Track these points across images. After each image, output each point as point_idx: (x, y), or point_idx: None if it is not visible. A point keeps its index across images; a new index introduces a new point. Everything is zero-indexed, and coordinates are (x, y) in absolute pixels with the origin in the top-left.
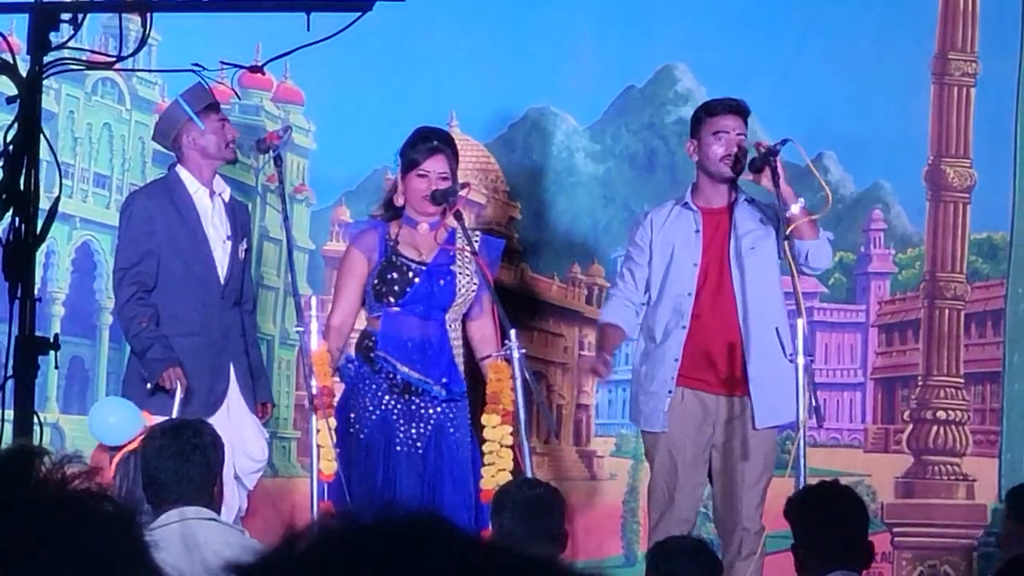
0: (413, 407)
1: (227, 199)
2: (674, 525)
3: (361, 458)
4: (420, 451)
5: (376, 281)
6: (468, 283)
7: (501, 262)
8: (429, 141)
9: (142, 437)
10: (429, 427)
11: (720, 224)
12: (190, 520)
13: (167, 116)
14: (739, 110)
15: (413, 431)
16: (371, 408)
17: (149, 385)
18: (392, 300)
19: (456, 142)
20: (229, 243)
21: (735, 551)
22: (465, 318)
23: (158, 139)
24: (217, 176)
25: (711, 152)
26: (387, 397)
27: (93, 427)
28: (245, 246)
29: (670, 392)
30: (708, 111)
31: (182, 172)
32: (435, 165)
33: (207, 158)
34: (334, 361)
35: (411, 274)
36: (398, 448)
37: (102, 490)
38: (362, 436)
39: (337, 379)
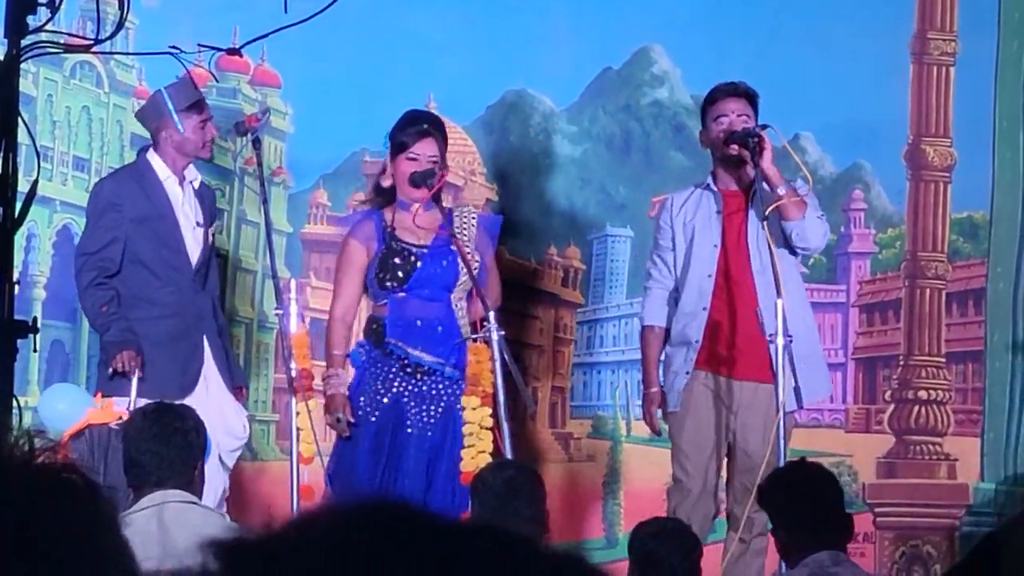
0: (425, 388)
1: (197, 186)
2: (692, 509)
3: (371, 441)
4: (429, 433)
5: (378, 270)
6: (471, 259)
7: None
8: (419, 124)
9: (124, 420)
10: (440, 408)
11: (740, 206)
12: (170, 503)
13: (150, 105)
14: (739, 92)
15: (424, 414)
16: (382, 391)
17: (109, 369)
18: (397, 285)
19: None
20: (200, 229)
21: (743, 534)
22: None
23: (139, 120)
24: (190, 164)
25: (714, 136)
26: (398, 380)
27: (43, 413)
28: (213, 231)
29: (688, 373)
30: (710, 99)
31: (153, 159)
32: (425, 148)
33: (182, 154)
34: (342, 349)
35: (413, 258)
36: (408, 430)
37: (68, 463)
38: (373, 419)
39: (324, 368)
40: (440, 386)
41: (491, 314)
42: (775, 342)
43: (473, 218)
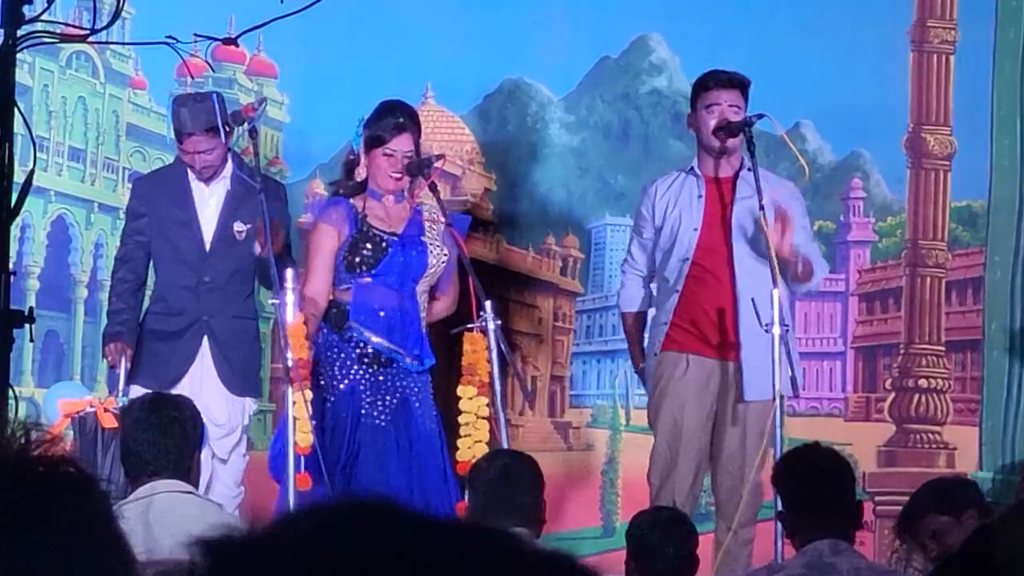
0: (381, 378)
1: (229, 187)
2: (677, 491)
3: (329, 427)
4: (382, 423)
5: (347, 253)
6: (439, 254)
7: (476, 233)
8: (395, 117)
9: (119, 411)
10: (395, 400)
11: (723, 193)
12: (166, 493)
13: (171, 116)
14: (733, 83)
15: (379, 403)
16: (339, 377)
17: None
18: (365, 270)
19: (431, 113)
20: (223, 228)
21: (730, 521)
22: (432, 290)
23: None
24: (227, 165)
25: (703, 126)
26: (355, 367)
27: (48, 409)
28: (241, 228)
29: (656, 354)
30: (703, 85)
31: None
32: (401, 144)
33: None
34: (311, 329)
35: (384, 244)
36: (363, 420)
37: (64, 456)
38: (328, 404)
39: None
40: (396, 379)
41: (488, 303)
42: (771, 331)
43: (442, 216)
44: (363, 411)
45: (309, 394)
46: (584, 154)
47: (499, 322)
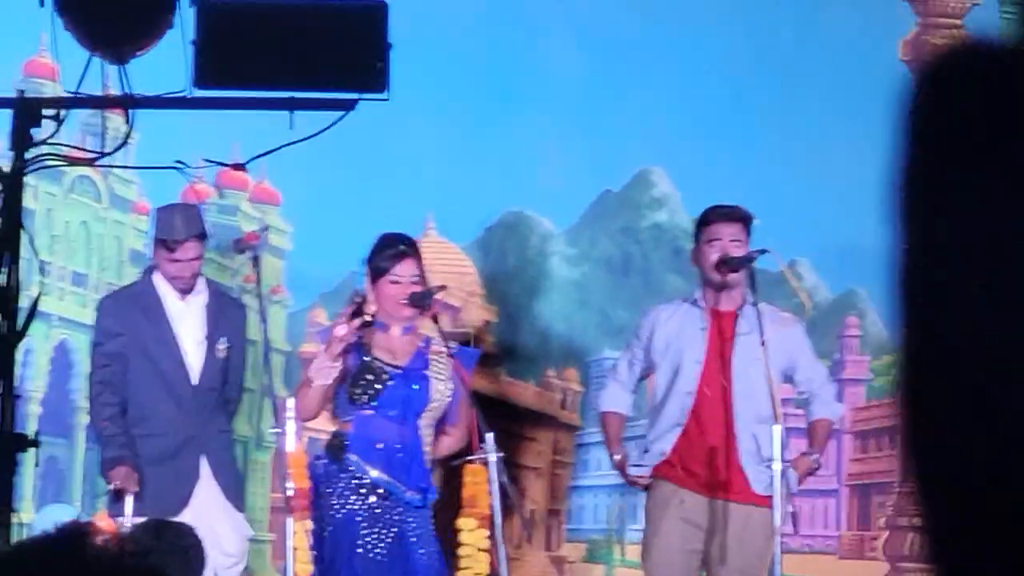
0: (379, 511)
1: (206, 300)
2: None
3: (328, 557)
4: (379, 557)
5: (350, 383)
6: (444, 388)
7: (477, 365)
8: (395, 246)
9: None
10: (391, 534)
11: (725, 326)
12: None
13: (159, 225)
14: (735, 217)
15: (375, 535)
16: (336, 506)
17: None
18: (366, 401)
19: (432, 244)
20: (204, 344)
21: None
22: (440, 423)
23: None
24: (200, 278)
25: (705, 260)
26: (353, 497)
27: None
28: (224, 345)
29: (649, 480)
30: (705, 219)
31: (156, 278)
32: (405, 269)
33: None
34: (313, 413)
35: (386, 376)
36: (359, 551)
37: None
38: (326, 534)
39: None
40: (393, 512)
41: (489, 436)
42: (771, 467)
43: (449, 350)
44: (360, 543)
45: (309, 524)
46: (585, 287)
47: (501, 454)
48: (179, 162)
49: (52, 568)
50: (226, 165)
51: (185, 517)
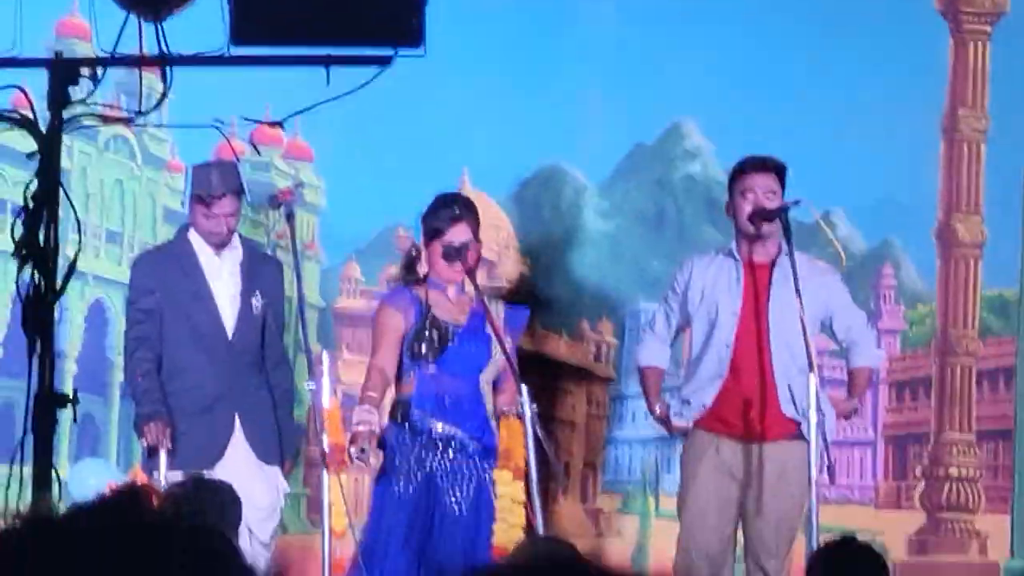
0: (456, 464)
1: (240, 256)
2: (699, 559)
3: (407, 519)
4: (462, 510)
5: (412, 341)
6: (504, 340)
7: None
8: (451, 209)
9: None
10: (471, 486)
11: (760, 277)
12: None
13: (195, 181)
14: (768, 168)
15: (457, 491)
16: (415, 468)
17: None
18: (430, 359)
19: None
20: (239, 300)
21: None
22: (495, 381)
23: None
24: (235, 235)
25: (739, 211)
26: (430, 457)
27: (73, 488)
28: (259, 301)
29: (687, 434)
30: (739, 170)
31: (192, 235)
32: (459, 234)
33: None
34: (379, 392)
35: (448, 334)
36: (444, 508)
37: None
38: (405, 498)
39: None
40: (470, 462)
41: (524, 388)
42: (807, 417)
43: (500, 308)
44: (442, 499)
45: (345, 479)
46: (619, 240)
47: (535, 408)
48: (217, 120)
49: (106, 531)
50: (263, 123)
51: (218, 472)
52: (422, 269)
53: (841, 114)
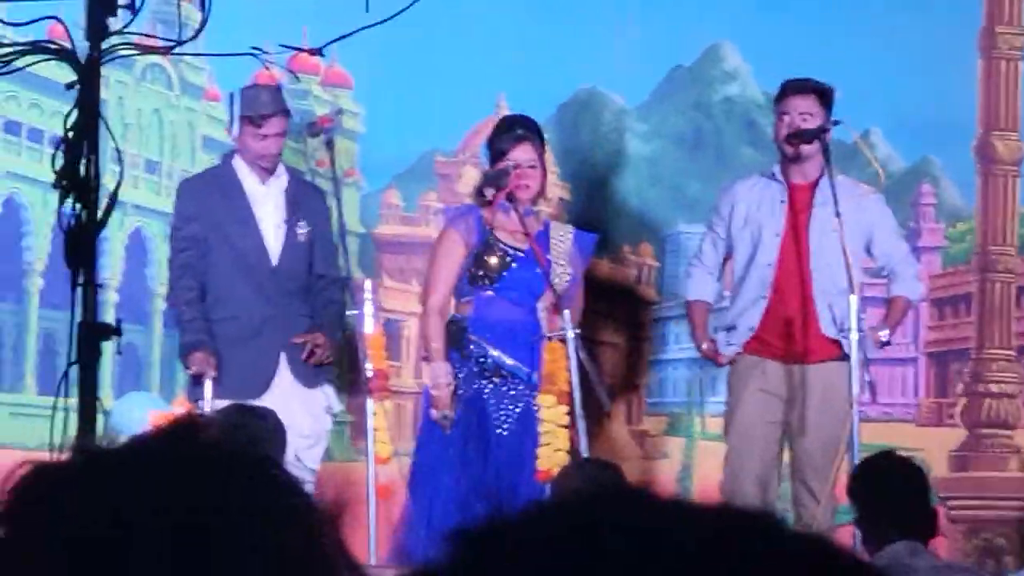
0: (504, 388)
1: (285, 184)
2: (749, 500)
3: (456, 441)
4: (507, 433)
5: (472, 265)
6: (562, 272)
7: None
8: (513, 130)
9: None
10: (518, 408)
11: (801, 199)
12: None
13: (244, 103)
14: (807, 90)
15: (503, 413)
16: (462, 390)
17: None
18: (488, 283)
19: None
20: (284, 227)
21: (804, 522)
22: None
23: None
24: (280, 163)
25: (777, 133)
26: (477, 380)
27: (117, 420)
28: (304, 229)
29: (735, 358)
30: (779, 94)
31: (236, 162)
32: (522, 154)
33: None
34: (440, 341)
35: (509, 259)
36: (494, 430)
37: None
38: (456, 421)
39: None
40: (519, 389)
41: (566, 312)
42: (848, 337)
43: (569, 234)
44: (491, 421)
45: (389, 405)
46: (657, 163)
47: (578, 331)
48: (256, 48)
49: (166, 462)
50: (302, 50)
51: (264, 400)
52: (490, 194)
53: (879, 33)
